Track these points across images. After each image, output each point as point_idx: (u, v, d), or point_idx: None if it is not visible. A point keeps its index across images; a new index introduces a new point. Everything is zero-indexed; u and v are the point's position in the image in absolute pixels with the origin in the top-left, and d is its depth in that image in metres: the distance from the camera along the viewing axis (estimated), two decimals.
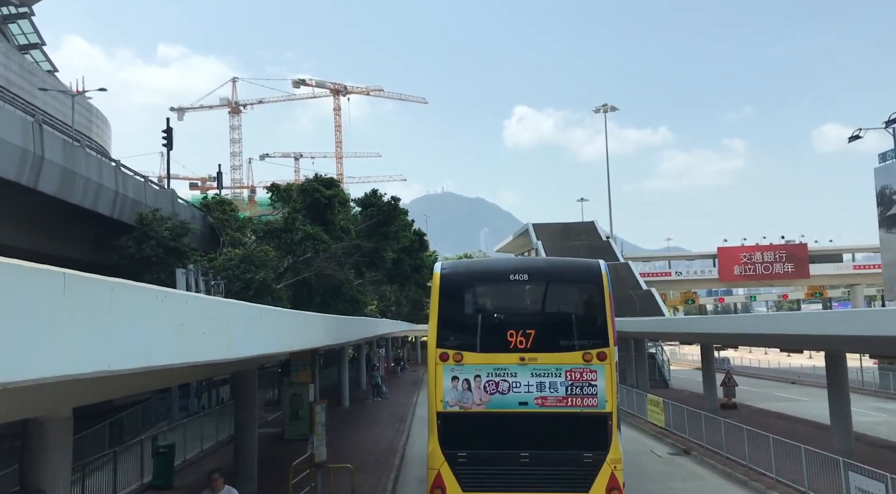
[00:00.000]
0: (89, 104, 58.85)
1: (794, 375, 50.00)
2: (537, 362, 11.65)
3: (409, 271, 48.63)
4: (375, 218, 36.67)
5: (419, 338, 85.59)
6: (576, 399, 11.55)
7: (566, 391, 11.57)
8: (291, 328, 13.31)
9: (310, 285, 39.03)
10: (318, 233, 30.25)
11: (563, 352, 11.69)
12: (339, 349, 37.45)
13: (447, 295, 12.39)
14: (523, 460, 11.57)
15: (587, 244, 55.52)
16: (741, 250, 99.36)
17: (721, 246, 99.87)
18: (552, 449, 11.57)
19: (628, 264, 50.98)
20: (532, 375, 11.63)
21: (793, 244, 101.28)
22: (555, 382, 11.60)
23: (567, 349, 11.72)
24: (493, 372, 11.71)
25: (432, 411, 12.10)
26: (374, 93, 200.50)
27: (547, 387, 11.60)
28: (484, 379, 11.74)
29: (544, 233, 57.30)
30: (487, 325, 12.25)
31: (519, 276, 12.79)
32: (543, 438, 11.61)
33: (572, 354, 11.66)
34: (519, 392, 11.63)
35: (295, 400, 27.06)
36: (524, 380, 11.63)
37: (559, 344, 11.79)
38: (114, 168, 28.92)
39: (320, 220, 31.99)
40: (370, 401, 38.63)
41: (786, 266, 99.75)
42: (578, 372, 11.58)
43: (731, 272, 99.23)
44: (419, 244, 49.45)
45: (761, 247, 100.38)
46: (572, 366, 11.60)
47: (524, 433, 11.69)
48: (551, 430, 11.60)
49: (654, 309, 43.78)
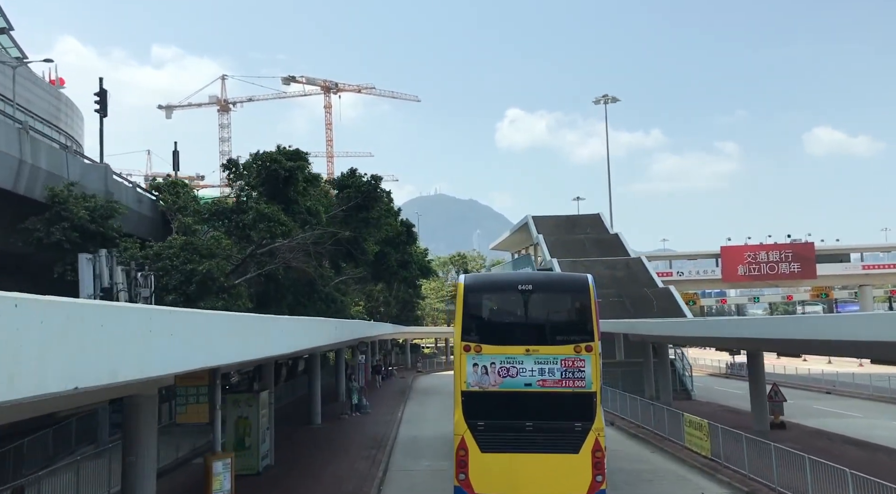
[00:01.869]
0: (59, 93, 53.61)
1: (825, 383, 43.90)
2: (539, 353, 14.38)
3: (396, 267, 42.34)
4: (353, 200, 30.36)
5: (409, 341, 79.22)
6: (568, 381, 14.26)
7: (561, 375, 14.27)
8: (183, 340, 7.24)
9: (277, 281, 32.71)
10: (274, 212, 23.98)
11: (558, 345, 14.43)
12: (309, 355, 31.15)
13: (469, 300, 15.09)
14: (528, 428, 14.29)
15: (593, 237, 49.37)
16: (745, 249, 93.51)
17: (724, 244, 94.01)
18: (550, 420, 14.26)
19: (641, 259, 44.86)
20: (535, 363, 14.36)
21: (799, 243, 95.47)
22: (552, 368, 14.30)
23: (562, 343, 14.47)
24: (505, 360, 14.44)
25: (457, 390, 14.78)
26: (365, 91, 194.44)
27: (546, 372, 14.32)
28: (498, 365, 14.44)
29: (546, 226, 51.10)
30: (500, 324, 15.69)
31: (525, 287, 15.49)
32: (543, 411, 14.28)
33: (566, 347, 14.36)
34: (525, 375, 14.37)
35: (242, 425, 20.75)
36: (529, 367, 14.38)
37: (556, 339, 14.63)
38: (18, 130, 22.63)
39: (281, 199, 25.72)
40: (347, 417, 32.33)
41: (792, 265, 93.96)
42: (570, 361, 14.28)
43: (734, 272, 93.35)
44: (407, 236, 43.17)
45: (766, 246, 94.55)
46: (566, 356, 14.28)
47: (529, 407, 14.33)
48: (550, 405, 14.26)
49: (674, 310, 37.73)
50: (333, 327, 21.83)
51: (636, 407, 29.31)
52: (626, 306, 38.44)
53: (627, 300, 38.76)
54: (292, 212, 26.35)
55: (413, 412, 35.19)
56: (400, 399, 40.31)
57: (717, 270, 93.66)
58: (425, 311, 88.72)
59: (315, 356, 30.65)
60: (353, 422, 31.15)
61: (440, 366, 74.92)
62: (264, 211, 23.73)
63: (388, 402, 38.58)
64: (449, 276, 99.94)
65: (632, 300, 38.73)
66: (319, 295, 34.82)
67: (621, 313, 37.62)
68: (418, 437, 27.07)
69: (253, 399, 20.86)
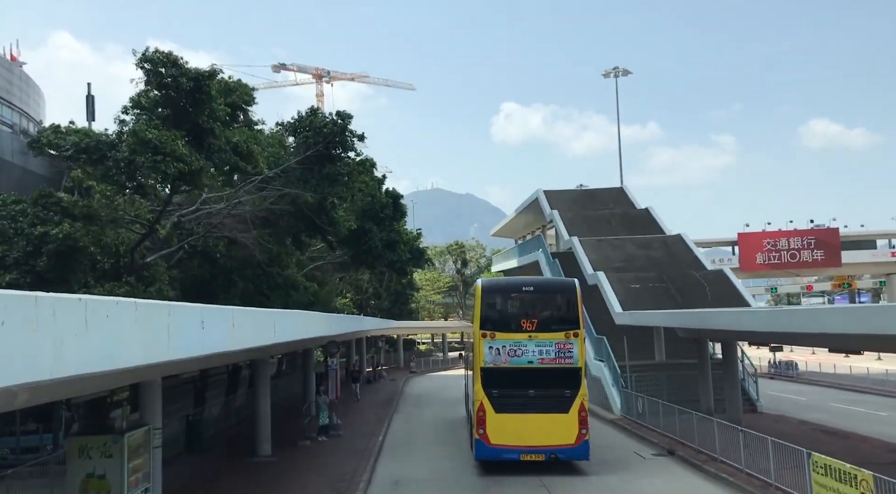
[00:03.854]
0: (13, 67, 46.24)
1: (881, 384, 35.42)
2: (538, 338, 18.69)
3: (380, 247, 33.54)
4: (312, 148, 21.50)
5: (402, 337, 70.40)
6: (561, 359, 18.63)
7: (555, 354, 18.63)
8: None
9: (214, 261, 23.98)
10: (164, 139, 15.18)
11: (553, 332, 18.78)
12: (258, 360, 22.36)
13: (486, 299, 19.41)
14: (530, 394, 18.58)
15: (619, 213, 40.53)
16: (764, 236, 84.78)
17: (742, 231, 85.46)
18: (547, 388, 18.58)
19: (682, 237, 36.09)
20: (535, 346, 18.67)
21: (822, 228, 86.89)
22: (549, 349, 18.66)
23: (556, 330, 18.82)
24: (513, 344, 18.72)
25: (477, 367, 19.03)
26: (359, 79, 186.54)
27: (544, 353, 18.65)
28: (507, 347, 18.73)
29: (560, 201, 42.30)
30: (509, 316, 19.39)
31: (527, 288, 20.21)
32: (542, 382, 18.61)
33: (558, 333, 18.75)
34: (528, 355, 18.67)
35: (94, 489, 12.01)
36: (531, 348, 18.68)
37: (551, 328, 18.89)
38: None
39: (189, 129, 16.93)
40: (309, 443, 23.58)
41: (815, 253, 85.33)
42: (562, 344, 18.66)
43: (752, 260, 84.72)
44: (393, 210, 34.33)
45: (786, 232, 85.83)
46: (559, 340, 18.66)
47: (531, 379, 18.64)
48: (546, 377, 18.62)
49: (732, 296, 29.08)
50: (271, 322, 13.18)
51: (706, 429, 20.58)
52: (672, 293, 29.74)
53: (672, 285, 30.01)
54: (209, 149, 17.62)
55: (399, 433, 26.45)
56: (384, 412, 31.49)
57: (734, 259, 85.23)
58: (420, 304, 79.87)
59: (261, 362, 21.86)
60: (316, 452, 22.38)
61: (437, 365, 65.88)
62: (146, 136, 14.94)
63: (369, 417, 29.76)
64: (446, 267, 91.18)
65: (677, 285, 30.02)
66: (275, 280, 26.03)
67: (666, 302, 28.95)
68: (402, 480, 18.36)
69: (112, 444, 12.07)
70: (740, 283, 30.83)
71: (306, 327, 17.05)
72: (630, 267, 32.72)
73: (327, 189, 22.04)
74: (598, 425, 27.75)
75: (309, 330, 17.09)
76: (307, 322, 17.16)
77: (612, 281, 30.39)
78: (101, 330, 6.00)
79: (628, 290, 29.86)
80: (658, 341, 30.97)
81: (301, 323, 16.43)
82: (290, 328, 14.81)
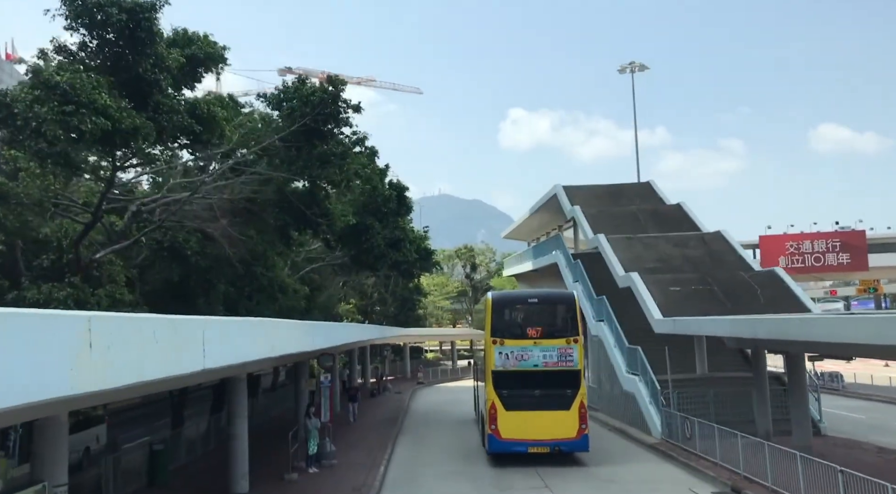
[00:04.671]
0: None
1: None
2: (542, 344, 20.71)
3: (383, 246, 29.60)
4: (298, 122, 17.57)
5: (408, 345, 66.36)
6: (562, 362, 20.53)
7: (557, 358, 20.57)
8: None
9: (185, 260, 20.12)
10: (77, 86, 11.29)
11: (555, 339, 20.81)
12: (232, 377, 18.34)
13: (496, 310, 21.55)
14: (536, 394, 20.56)
15: (648, 210, 36.38)
16: (787, 239, 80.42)
17: (763, 233, 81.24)
18: (551, 388, 20.53)
19: (722, 234, 31.96)
20: (540, 351, 20.66)
21: (848, 231, 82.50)
22: (552, 353, 20.60)
23: (558, 337, 20.85)
24: (520, 349, 20.72)
25: (488, 370, 20.99)
26: (366, 83, 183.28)
27: (547, 357, 20.58)
28: (516, 352, 20.69)
29: (581, 198, 38.27)
30: (517, 325, 21.53)
31: (532, 300, 22.69)
32: (546, 382, 20.55)
33: (560, 339, 20.79)
34: (533, 359, 20.61)
35: None
36: (536, 353, 20.65)
37: (553, 335, 20.94)
38: None
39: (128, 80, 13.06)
40: (297, 477, 19.55)
41: (840, 256, 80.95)
42: (564, 349, 20.65)
43: (775, 264, 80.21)
44: (397, 204, 30.40)
45: (810, 234, 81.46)
46: (561, 346, 20.68)
47: (536, 379, 20.62)
48: (550, 378, 20.56)
49: (788, 300, 25.01)
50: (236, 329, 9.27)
51: (783, 463, 16.51)
52: (718, 296, 25.70)
53: (718, 288, 25.95)
54: (156, 109, 13.76)
55: (404, 461, 22.41)
56: (387, 434, 27.43)
57: (755, 262, 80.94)
58: (428, 310, 75.78)
59: (235, 380, 17.89)
60: (303, 488, 18.38)
61: (445, 375, 61.67)
62: (53, 79, 11.07)
63: (370, 441, 25.72)
64: (455, 271, 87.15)
65: (724, 288, 25.96)
66: (259, 281, 22.12)
67: (713, 307, 24.93)
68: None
69: None
70: (797, 286, 26.72)
71: (266, 342, 12.83)
72: (666, 268, 28.69)
73: (317, 172, 18.09)
74: (636, 450, 23.66)
75: (274, 345, 12.94)
76: (271, 333, 13.00)
77: (648, 284, 26.37)
78: None
79: (667, 294, 25.84)
80: (700, 352, 26.91)
81: (255, 336, 12.26)
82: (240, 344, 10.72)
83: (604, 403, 31.25)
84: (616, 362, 28.51)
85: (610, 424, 28.39)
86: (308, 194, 20.45)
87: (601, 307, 31.07)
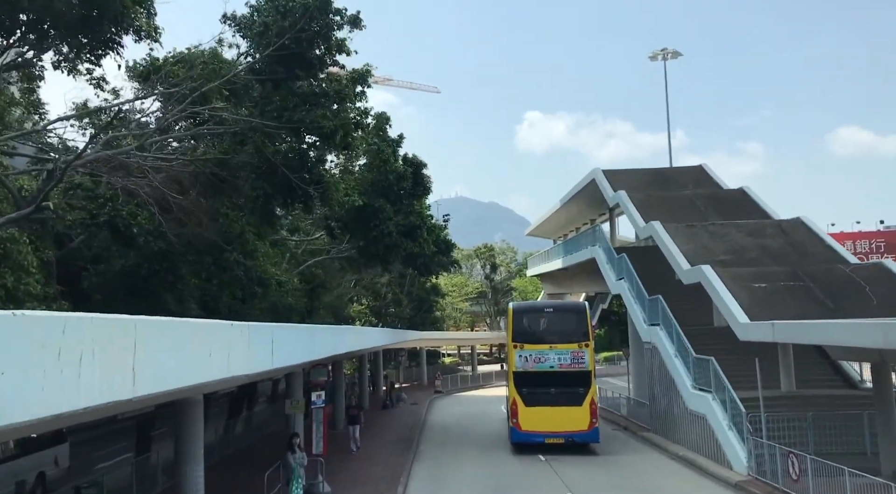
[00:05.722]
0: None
1: None
2: (557, 348, 23.45)
3: (395, 233, 24.41)
4: (273, 44, 12.41)
5: (424, 349, 61.07)
6: (575, 364, 23.31)
7: (570, 361, 23.37)
8: None
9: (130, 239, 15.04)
10: None
11: (569, 343, 23.50)
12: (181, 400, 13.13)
13: (516, 318, 24.68)
14: (552, 391, 23.22)
15: (705, 195, 30.85)
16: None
17: None
18: (565, 387, 23.16)
19: (803, 221, 26.45)
20: (555, 354, 23.40)
21: (891, 230, 76.47)
22: (566, 357, 23.37)
23: (571, 342, 23.53)
24: (538, 353, 23.58)
25: (510, 371, 24.29)
26: (383, 83, 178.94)
27: (562, 359, 23.36)
28: (533, 356, 23.57)
29: (624, 183, 32.91)
30: (535, 331, 24.26)
31: (548, 309, 25.90)
32: (561, 382, 23.23)
33: (573, 344, 23.49)
34: (549, 361, 23.43)
35: None
36: (552, 356, 23.44)
37: (567, 340, 23.58)
38: None
39: None
40: None
41: (885, 257, 74.96)
42: (576, 352, 23.36)
43: None
44: (413, 184, 25.20)
45: (851, 233, 74.89)
46: (573, 350, 23.40)
47: (552, 379, 23.32)
48: (564, 378, 23.24)
49: None
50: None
51: None
52: (815, 294, 20.30)
53: (814, 284, 20.52)
54: None
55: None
56: (399, 463, 22.08)
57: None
58: (445, 312, 70.44)
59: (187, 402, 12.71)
60: None
61: (466, 383, 56.20)
62: None
63: (376, 473, 20.34)
64: (474, 271, 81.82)
65: (821, 285, 20.55)
66: (232, 271, 16.98)
67: (810, 307, 19.53)
68: None
69: None
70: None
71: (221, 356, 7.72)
72: (740, 261, 23.28)
73: (301, 115, 12.94)
74: (715, 489, 18.25)
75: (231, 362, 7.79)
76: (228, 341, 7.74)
77: (725, 279, 20.99)
78: None
79: (752, 291, 20.41)
80: (785, 363, 21.49)
81: (202, 347, 7.16)
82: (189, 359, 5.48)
83: (659, 423, 25.87)
84: (679, 374, 23.15)
85: (671, 451, 23.00)
86: (294, 155, 15.27)
87: (655, 308, 25.74)
